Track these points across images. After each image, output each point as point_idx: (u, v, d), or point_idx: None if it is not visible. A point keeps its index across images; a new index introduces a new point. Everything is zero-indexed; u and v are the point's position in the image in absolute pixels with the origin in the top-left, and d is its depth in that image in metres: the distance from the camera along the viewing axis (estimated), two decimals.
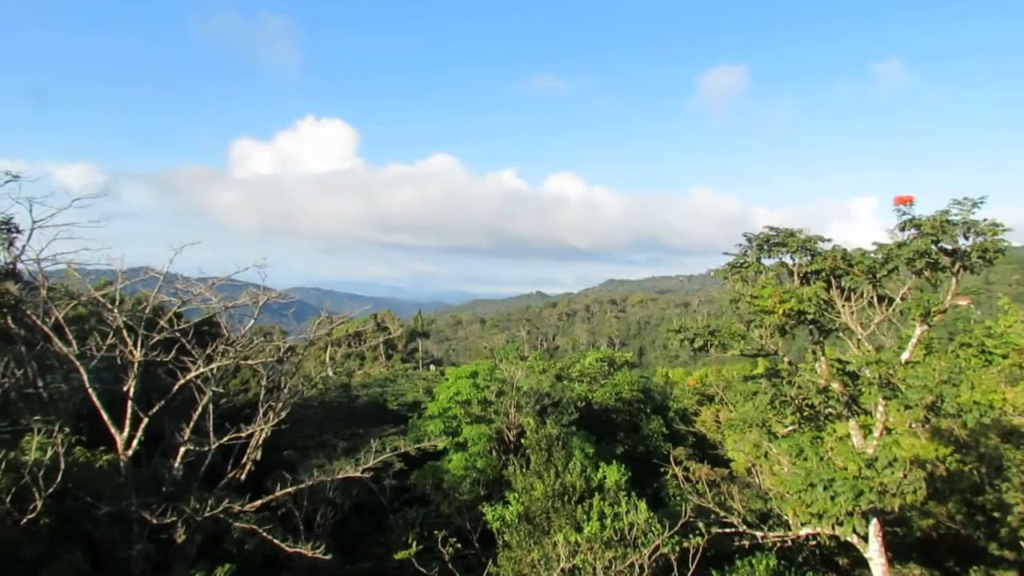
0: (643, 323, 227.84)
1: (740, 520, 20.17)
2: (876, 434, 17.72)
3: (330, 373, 27.89)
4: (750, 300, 18.75)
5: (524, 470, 22.05)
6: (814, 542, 22.78)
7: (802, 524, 18.15)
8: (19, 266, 21.23)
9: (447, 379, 36.97)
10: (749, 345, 19.67)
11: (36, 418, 18.43)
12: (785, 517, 19.66)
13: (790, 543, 20.90)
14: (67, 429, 17.59)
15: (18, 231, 20.28)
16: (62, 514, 17.18)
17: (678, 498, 26.29)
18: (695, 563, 17.93)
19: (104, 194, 21.38)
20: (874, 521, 17.50)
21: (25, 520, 15.42)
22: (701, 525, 19.77)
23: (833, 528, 16.72)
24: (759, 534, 20.09)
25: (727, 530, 20.12)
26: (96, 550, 18.99)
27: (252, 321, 24.69)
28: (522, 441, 24.61)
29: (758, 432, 20.66)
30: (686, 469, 29.99)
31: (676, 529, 18.86)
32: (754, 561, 20.46)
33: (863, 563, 20.14)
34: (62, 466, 16.02)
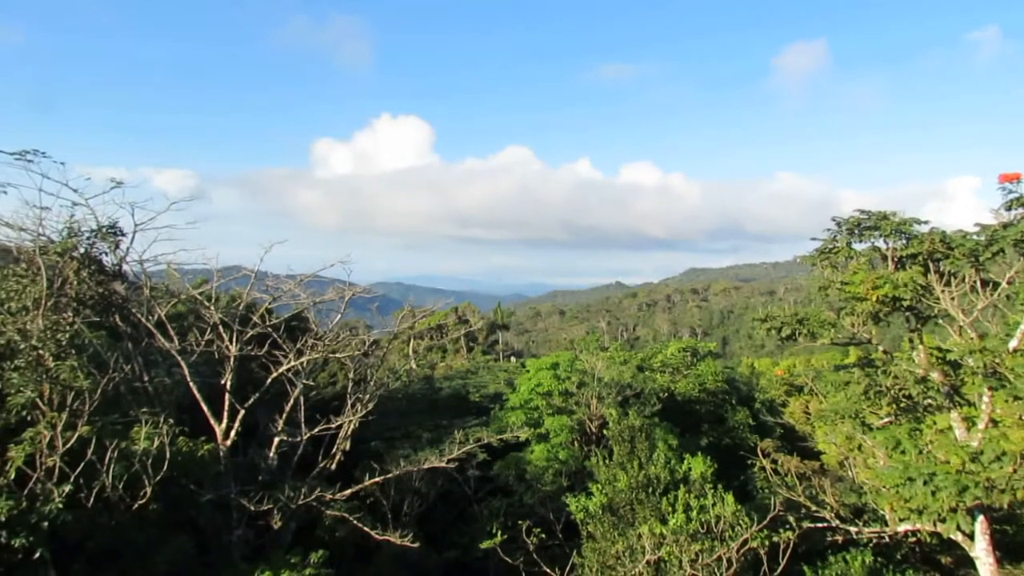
0: (726, 312, 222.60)
1: (833, 515, 19.53)
2: (981, 426, 16.79)
3: (413, 366, 28.47)
4: (840, 287, 18.11)
5: (607, 461, 21.94)
6: (914, 539, 21.75)
7: (900, 520, 17.42)
8: (124, 267, 22.52)
9: (528, 371, 37.15)
10: (840, 333, 19.01)
11: (143, 410, 19.51)
12: (881, 512, 18.92)
13: (887, 539, 20.09)
14: (171, 420, 18.56)
15: (122, 234, 21.46)
16: (169, 501, 18.16)
17: (766, 491, 25.62)
18: (786, 558, 17.42)
19: (198, 197, 22.45)
20: (980, 518, 16.61)
21: (136, 506, 16.41)
22: (791, 519, 19.21)
23: (935, 525, 15.97)
24: (853, 529, 19.40)
25: (819, 524, 19.52)
26: (200, 535, 20.05)
27: (339, 316, 25.48)
28: (604, 432, 24.51)
29: (851, 424, 19.95)
30: (774, 461, 29.10)
31: (765, 523, 18.36)
32: (849, 557, 19.74)
33: (968, 562, 19.12)
34: (167, 455, 16.95)
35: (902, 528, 18.21)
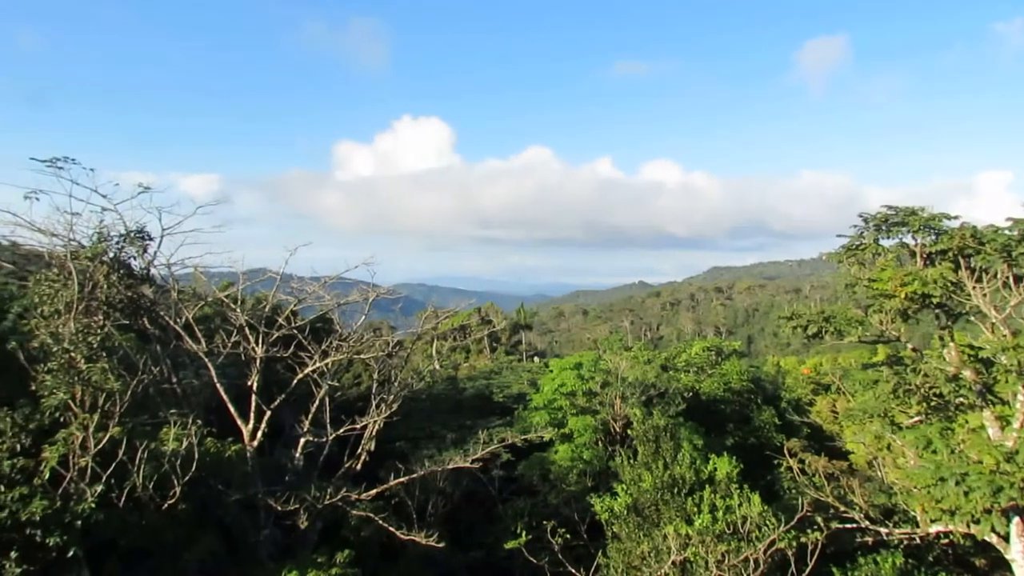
0: (751, 311, 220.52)
1: (862, 515, 19.28)
2: (1016, 425, 16.48)
3: (437, 366, 28.51)
4: (868, 284, 17.88)
5: (631, 461, 21.85)
6: (946, 541, 21.39)
7: (932, 521, 17.14)
8: (152, 271, 22.85)
9: (551, 371, 37.10)
10: (868, 331, 18.78)
11: (172, 411, 19.79)
12: (912, 513, 18.63)
13: (918, 541, 19.79)
14: (199, 421, 18.82)
15: (150, 238, 21.79)
16: (198, 500, 18.41)
17: (794, 491, 25.35)
18: (814, 559, 17.23)
19: (223, 201, 22.70)
20: (1016, 519, 16.29)
21: (166, 505, 16.65)
22: (819, 520, 19.01)
23: (968, 526, 15.69)
24: (884, 530, 19.13)
25: (848, 525, 19.28)
26: (228, 534, 20.30)
27: (362, 317, 25.64)
28: (628, 432, 24.42)
29: (880, 423, 19.68)
30: (801, 461, 28.78)
31: (792, 523, 18.18)
32: (879, 559, 19.47)
33: (1004, 564, 18.75)
34: (196, 456, 17.18)
35: (934, 529, 17.92)
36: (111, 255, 20.58)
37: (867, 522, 19.08)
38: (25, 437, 14.99)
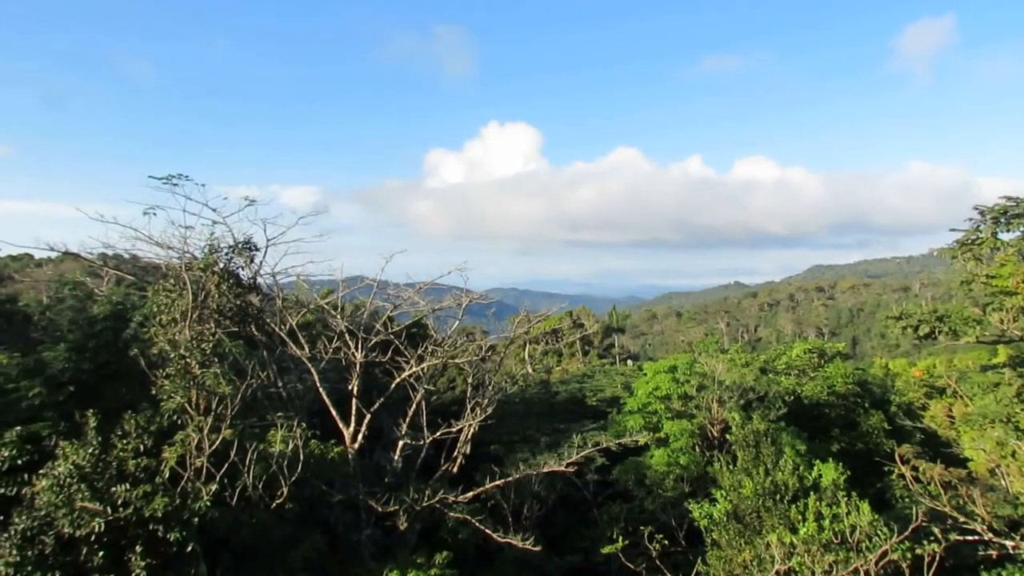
0: (855, 311, 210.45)
1: (985, 527, 18.07)
2: None
3: (530, 370, 28.67)
4: (986, 280, 16.81)
5: (731, 467, 21.24)
6: None
7: None
8: (258, 280, 23.98)
9: (645, 374, 36.56)
10: (986, 331, 17.65)
11: (278, 414, 20.69)
12: None
13: None
14: (304, 424, 19.58)
15: (256, 249, 22.84)
16: (303, 500, 19.15)
17: (907, 500, 24.02)
18: (931, 573, 16.24)
19: (322, 212, 23.55)
20: None
21: (274, 505, 17.43)
22: (936, 531, 17.91)
23: None
24: (1010, 544, 17.86)
25: (969, 537, 18.09)
26: (332, 534, 21.02)
27: (456, 322, 26.07)
28: (727, 437, 23.74)
29: (1002, 428, 18.43)
30: (915, 468, 27.20)
31: (907, 534, 17.19)
32: (1005, 574, 18.14)
33: None
34: (301, 457, 17.90)
35: None
36: (221, 266, 21.66)
37: (991, 534, 17.85)
38: (147, 439, 16.03)
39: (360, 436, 22.59)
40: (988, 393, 18.47)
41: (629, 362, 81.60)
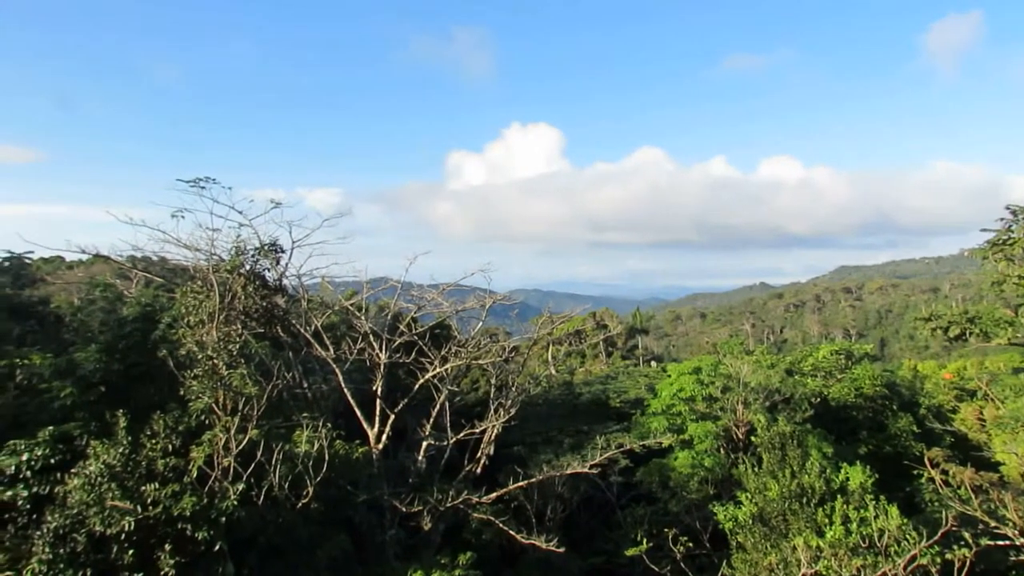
0: (883, 312, 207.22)
1: (1016, 532, 17.72)
2: None
3: (553, 371, 28.62)
4: (1018, 281, 16.47)
5: (756, 469, 21.04)
6: None
7: None
8: (284, 282, 24.19)
9: (669, 376, 36.35)
10: (1018, 332, 17.28)
11: (304, 415, 20.88)
12: None
13: None
14: (328, 425, 19.73)
15: (282, 251, 23.04)
16: (328, 500, 19.28)
17: (936, 504, 23.61)
18: None
19: (346, 214, 23.69)
20: None
21: (300, 504, 17.58)
22: (967, 535, 17.61)
23: None
24: None
25: (1000, 542, 17.75)
26: (356, 533, 21.15)
27: (479, 323, 26.11)
28: (752, 439, 23.54)
29: None
30: (944, 472, 26.73)
31: (936, 538, 16.92)
32: None
33: None
34: (326, 457, 18.04)
35: None
36: (248, 267, 21.90)
37: (1022, 539, 17.48)
38: (176, 438, 16.25)
39: (384, 437, 22.71)
40: (1021, 396, 18.07)
41: (653, 363, 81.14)
